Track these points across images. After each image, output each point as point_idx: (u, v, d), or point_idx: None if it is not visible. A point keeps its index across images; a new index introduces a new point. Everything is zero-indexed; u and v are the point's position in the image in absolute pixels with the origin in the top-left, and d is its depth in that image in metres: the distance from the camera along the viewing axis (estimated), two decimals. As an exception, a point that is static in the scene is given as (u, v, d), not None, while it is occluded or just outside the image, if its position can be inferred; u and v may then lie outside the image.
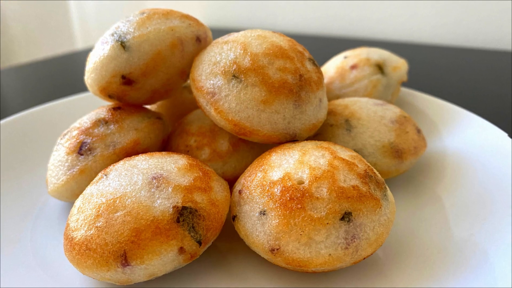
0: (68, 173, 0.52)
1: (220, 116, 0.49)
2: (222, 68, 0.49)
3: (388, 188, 0.45)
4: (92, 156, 0.52)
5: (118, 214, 0.39)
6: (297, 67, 0.50)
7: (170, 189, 0.41)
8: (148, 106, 0.66)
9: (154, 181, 0.42)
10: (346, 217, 0.39)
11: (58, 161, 0.54)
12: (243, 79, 0.48)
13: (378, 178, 0.44)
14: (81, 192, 0.50)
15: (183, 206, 0.40)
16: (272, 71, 0.48)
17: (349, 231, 0.39)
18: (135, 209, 0.39)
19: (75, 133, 0.54)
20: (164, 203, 0.40)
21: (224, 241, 0.49)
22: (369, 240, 0.40)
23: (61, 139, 0.56)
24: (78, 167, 0.52)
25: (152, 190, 0.41)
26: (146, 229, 0.38)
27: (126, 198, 0.40)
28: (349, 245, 0.39)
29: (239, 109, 0.48)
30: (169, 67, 0.54)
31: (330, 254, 0.39)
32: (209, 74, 0.50)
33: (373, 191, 0.42)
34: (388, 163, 0.55)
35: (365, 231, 0.40)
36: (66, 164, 0.53)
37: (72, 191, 0.53)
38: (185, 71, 0.57)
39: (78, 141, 0.53)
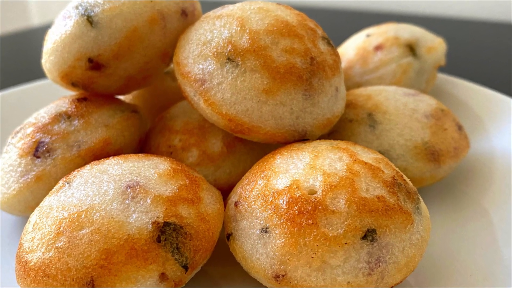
0: (21, 181, 0.52)
1: (212, 109, 0.49)
2: (214, 49, 0.49)
3: (421, 200, 0.45)
4: (51, 159, 0.52)
5: (83, 231, 0.39)
6: (308, 47, 0.50)
7: (148, 201, 0.41)
8: (121, 97, 0.66)
9: (128, 190, 0.42)
10: (369, 235, 0.39)
11: (9, 166, 0.54)
12: (240, 63, 0.48)
13: (409, 187, 0.44)
14: (37, 204, 0.50)
15: (165, 222, 0.40)
16: (276, 53, 0.48)
17: (373, 253, 0.39)
18: (105, 225, 0.39)
19: (30, 130, 0.54)
20: (141, 218, 0.40)
21: (216, 265, 0.49)
22: (397, 264, 0.40)
23: (13, 138, 0.56)
24: (33, 173, 0.52)
25: (127, 201, 0.41)
26: (118, 250, 0.38)
27: (94, 211, 0.40)
28: (372, 271, 0.39)
29: (235, 101, 0.48)
30: (148, 48, 0.54)
31: (349, 282, 0.39)
32: (198, 57, 0.50)
33: (402, 203, 0.42)
34: (422, 168, 0.55)
35: (393, 253, 0.40)
36: (19, 169, 0.52)
37: (26, 203, 0.52)
38: (168, 53, 0.57)
39: (33, 140, 0.53)
